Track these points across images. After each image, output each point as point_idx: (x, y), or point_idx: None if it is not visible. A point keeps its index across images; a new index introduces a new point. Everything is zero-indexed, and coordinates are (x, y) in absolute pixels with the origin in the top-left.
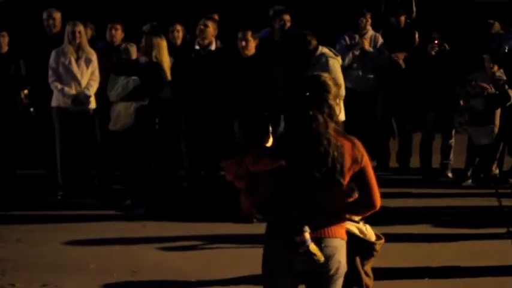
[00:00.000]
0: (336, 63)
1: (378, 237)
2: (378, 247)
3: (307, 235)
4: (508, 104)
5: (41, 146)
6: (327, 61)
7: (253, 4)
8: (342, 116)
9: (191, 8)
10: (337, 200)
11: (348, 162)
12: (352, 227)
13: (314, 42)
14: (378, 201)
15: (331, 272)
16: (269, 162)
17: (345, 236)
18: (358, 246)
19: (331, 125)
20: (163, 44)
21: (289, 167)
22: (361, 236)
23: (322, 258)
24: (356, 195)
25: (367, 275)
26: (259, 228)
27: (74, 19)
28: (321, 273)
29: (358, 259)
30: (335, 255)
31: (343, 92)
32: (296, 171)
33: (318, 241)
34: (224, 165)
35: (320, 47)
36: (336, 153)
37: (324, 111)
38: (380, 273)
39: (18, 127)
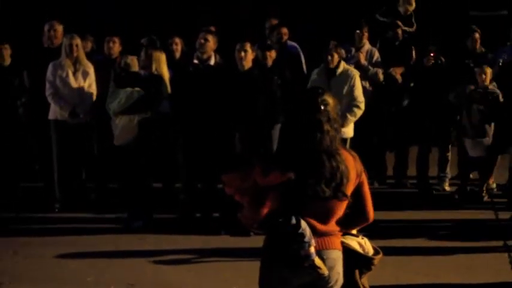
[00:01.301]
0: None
1: (376, 251)
2: (376, 261)
3: (312, 249)
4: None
5: (39, 159)
6: (354, 77)
7: (251, 15)
8: (350, 132)
9: (190, 21)
10: (338, 213)
11: (352, 176)
12: (353, 241)
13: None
14: (372, 215)
15: (331, 284)
16: (279, 175)
17: (341, 247)
18: (357, 260)
19: (338, 140)
20: (163, 57)
21: (299, 180)
22: (361, 250)
23: (326, 272)
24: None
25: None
26: (256, 241)
27: (73, 32)
28: (321, 285)
29: (357, 272)
30: (335, 267)
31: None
32: (305, 185)
33: (319, 253)
34: (225, 179)
35: (342, 62)
36: (344, 168)
37: (335, 126)
38: (375, 286)
39: (19, 140)
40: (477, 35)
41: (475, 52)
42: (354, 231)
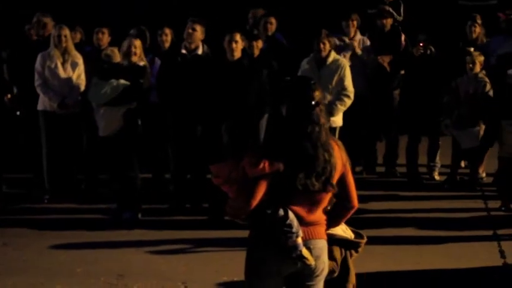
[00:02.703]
0: (349, 69)
1: (360, 236)
2: (362, 245)
3: (299, 240)
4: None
5: (28, 150)
6: (344, 66)
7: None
8: (339, 121)
9: (179, 11)
10: (324, 203)
11: (339, 166)
12: (338, 230)
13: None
14: (356, 201)
15: (317, 273)
16: (268, 165)
17: (325, 236)
18: (345, 245)
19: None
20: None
21: (288, 172)
22: (346, 236)
23: (313, 262)
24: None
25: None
26: (246, 231)
27: (62, 23)
28: (307, 275)
29: (348, 254)
30: (321, 256)
31: (352, 97)
32: (295, 178)
33: (306, 243)
34: (213, 169)
35: (332, 52)
36: (334, 161)
37: (327, 118)
38: (365, 276)
39: (5, 131)
40: (477, 24)
41: (476, 41)
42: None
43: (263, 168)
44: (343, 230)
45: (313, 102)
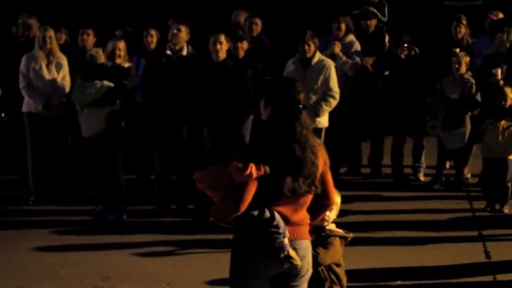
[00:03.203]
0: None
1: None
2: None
3: (286, 240)
4: (475, 112)
5: (13, 152)
6: (329, 67)
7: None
8: (325, 122)
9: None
10: (308, 203)
11: (321, 166)
12: (333, 226)
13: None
14: (334, 197)
15: (302, 273)
16: (255, 170)
17: (309, 236)
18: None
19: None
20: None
21: (275, 174)
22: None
23: (300, 262)
24: None
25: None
26: (231, 233)
27: (47, 24)
28: (293, 275)
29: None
30: (306, 256)
31: (338, 98)
32: (282, 181)
33: (291, 244)
34: (198, 176)
35: (317, 52)
36: (317, 162)
37: (310, 120)
38: (352, 276)
39: None
40: (462, 25)
41: (462, 42)
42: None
43: (250, 174)
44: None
45: (300, 106)
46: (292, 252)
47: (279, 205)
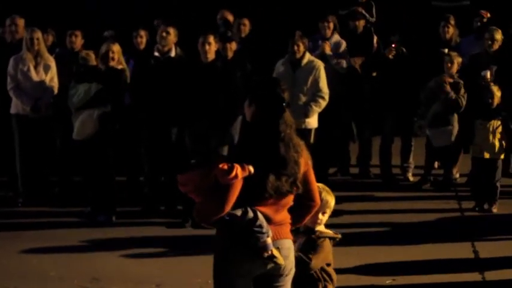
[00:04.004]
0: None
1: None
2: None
3: (269, 240)
4: (460, 110)
5: (2, 153)
6: (319, 68)
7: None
8: (315, 123)
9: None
10: (290, 202)
11: (303, 166)
12: (324, 228)
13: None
14: (318, 198)
15: (286, 273)
16: (241, 171)
17: (291, 236)
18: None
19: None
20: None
21: (258, 173)
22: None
23: (283, 262)
24: None
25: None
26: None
27: (35, 25)
28: (277, 275)
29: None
30: (289, 256)
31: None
32: (266, 180)
33: (274, 244)
34: (181, 179)
35: (307, 53)
36: (300, 161)
37: (293, 119)
38: (341, 276)
39: None
40: (450, 25)
41: (450, 42)
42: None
43: (236, 176)
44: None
45: (284, 104)
46: (275, 252)
47: (262, 205)
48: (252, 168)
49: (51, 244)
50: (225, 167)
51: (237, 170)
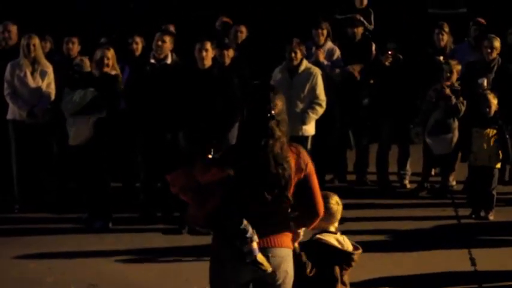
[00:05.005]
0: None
1: (356, 248)
2: (356, 257)
3: (254, 245)
4: (460, 115)
5: None
6: (316, 75)
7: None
8: (312, 130)
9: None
10: (282, 212)
11: (293, 176)
12: (330, 238)
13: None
14: (321, 209)
15: (279, 282)
16: (217, 171)
17: (291, 245)
18: (337, 257)
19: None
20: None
21: (242, 180)
22: (340, 246)
23: (269, 269)
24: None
25: (344, 284)
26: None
27: (31, 32)
28: (269, 283)
29: (337, 269)
30: (281, 265)
31: (324, 106)
32: (249, 187)
33: (265, 251)
34: (169, 178)
35: (304, 60)
36: (288, 174)
37: (283, 129)
38: None
39: None
40: (444, 32)
41: (445, 50)
42: (333, 229)
43: (213, 174)
44: (337, 240)
45: (268, 115)
46: (260, 258)
47: (251, 213)
48: (231, 172)
49: (47, 250)
50: (203, 166)
51: (214, 169)
